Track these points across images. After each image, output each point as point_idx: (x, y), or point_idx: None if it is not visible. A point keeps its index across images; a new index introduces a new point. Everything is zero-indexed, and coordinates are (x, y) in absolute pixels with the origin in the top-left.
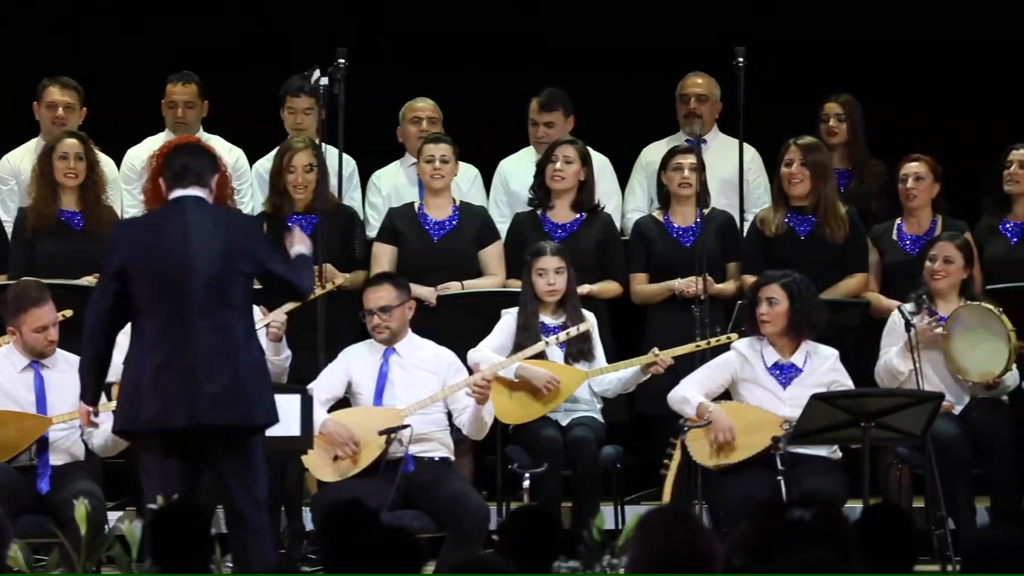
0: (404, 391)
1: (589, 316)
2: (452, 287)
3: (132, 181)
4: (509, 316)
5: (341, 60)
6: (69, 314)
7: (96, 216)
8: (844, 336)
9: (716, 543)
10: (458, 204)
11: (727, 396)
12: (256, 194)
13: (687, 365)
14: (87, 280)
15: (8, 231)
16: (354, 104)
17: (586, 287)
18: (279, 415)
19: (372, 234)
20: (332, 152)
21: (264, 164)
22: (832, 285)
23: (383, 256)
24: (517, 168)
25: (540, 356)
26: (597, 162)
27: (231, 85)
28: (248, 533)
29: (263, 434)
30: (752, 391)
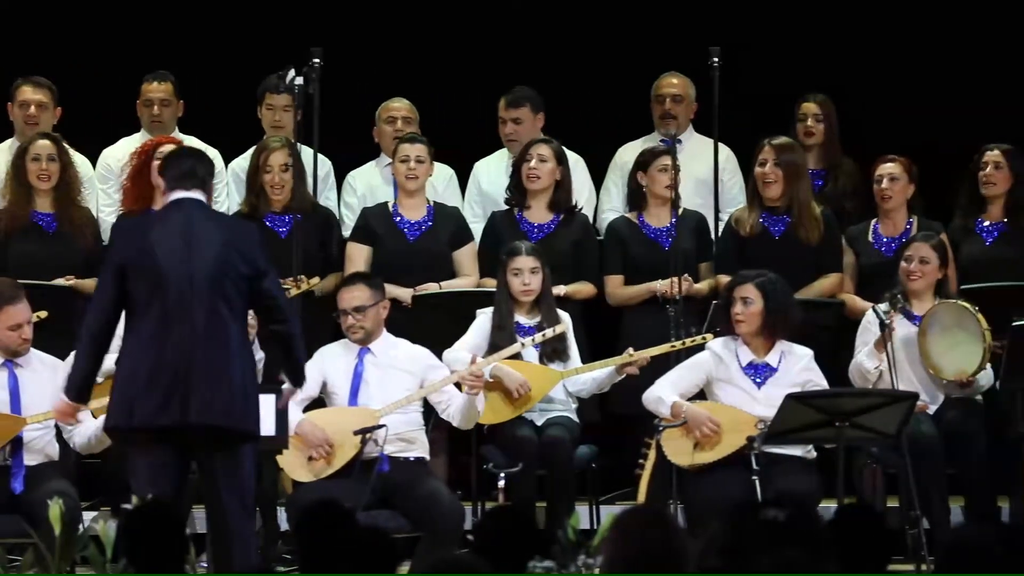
0: (379, 391)
1: (564, 316)
2: (430, 288)
3: (108, 181)
4: (484, 316)
5: (316, 60)
6: (44, 315)
7: (70, 218)
8: (819, 336)
9: (691, 543)
10: (432, 204)
11: (702, 396)
12: (232, 194)
13: (662, 365)
14: (61, 281)
15: None
16: (330, 104)
17: (562, 288)
18: None
19: (347, 233)
20: (307, 152)
21: (240, 164)
22: (806, 285)
23: (357, 256)
24: (489, 169)
25: (515, 356)
26: (570, 162)
27: (206, 84)
28: (233, 537)
29: (256, 439)
30: (727, 391)
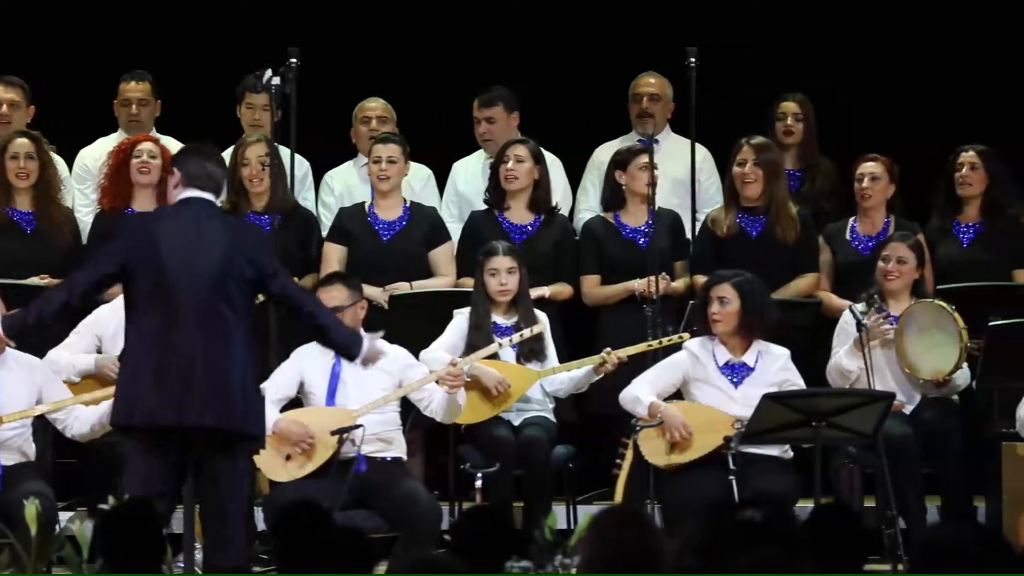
0: (356, 391)
1: (541, 316)
2: (401, 287)
3: (85, 181)
4: (461, 316)
5: (293, 60)
6: None
7: (49, 216)
8: (796, 336)
9: (668, 543)
10: (408, 204)
11: (679, 396)
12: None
13: (639, 365)
14: (36, 280)
15: None
16: (308, 104)
17: (546, 291)
18: None
19: (324, 233)
20: (285, 152)
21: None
22: (783, 285)
23: (333, 256)
24: (465, 169)
25: (493, 356)
26: (547, 162)
27: (184, 84)
28: (228, 538)
29: (255, 440)
30: (703, 390)
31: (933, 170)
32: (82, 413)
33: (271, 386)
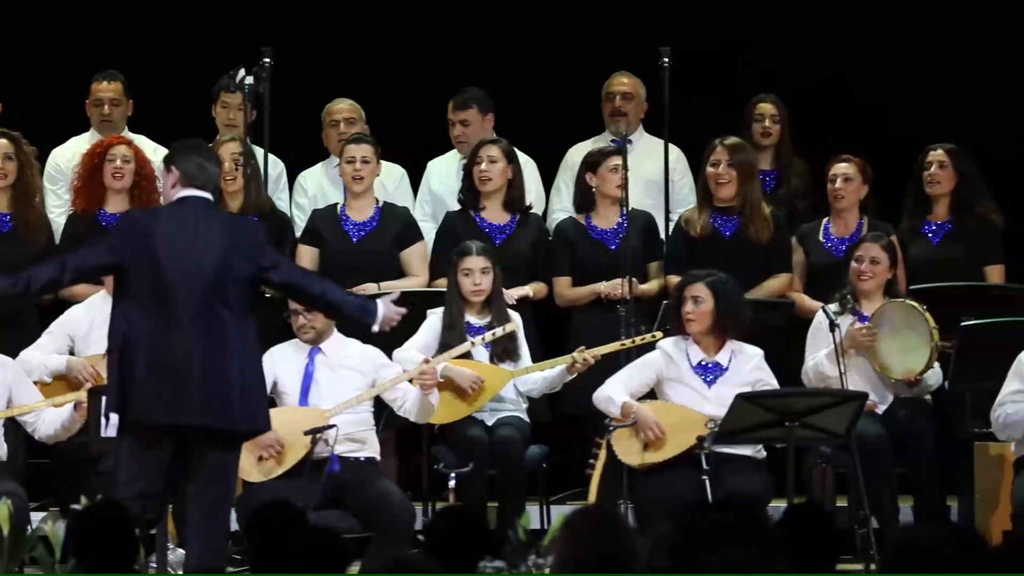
0: (330, 391)
1: (515, 316)
2: (368, 288)
3: (57, 182)
4: (435, 316)
5: (267, 59)
6: None
7: (26, 219)
8: (769, 335)
9: (641, 543)
10: (380, 204)
11: (653, 395)
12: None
13: (613, 365)
14: None
15: None
16: (282, 104)
17: (528, 290)
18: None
19: (298, 234)
20: (259, 152)
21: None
22: (756, 285)
23: (305, 258)
24: (439, 169)
25: (466, 356)
26: (520, 162)
27: (156, 84)
28: (212, 536)
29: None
30: (677, 390)
31: (907, 170)
32: (48, 415)
33: None
